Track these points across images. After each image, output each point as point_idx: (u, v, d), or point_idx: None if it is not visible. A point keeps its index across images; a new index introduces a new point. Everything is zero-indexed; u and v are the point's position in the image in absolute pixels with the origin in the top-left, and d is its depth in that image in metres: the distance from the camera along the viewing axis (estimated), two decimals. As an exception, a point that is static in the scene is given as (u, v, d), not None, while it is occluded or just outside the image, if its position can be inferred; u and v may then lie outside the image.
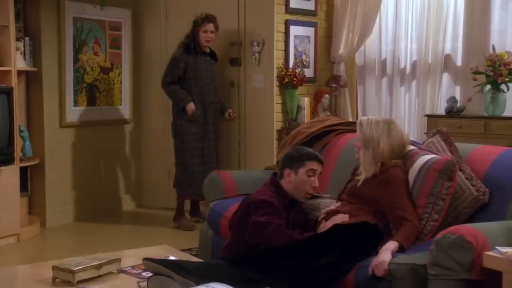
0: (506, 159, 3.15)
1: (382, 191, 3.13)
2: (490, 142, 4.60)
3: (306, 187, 3.34)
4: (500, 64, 5.42)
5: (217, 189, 4.15)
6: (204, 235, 4.13)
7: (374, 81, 6.38)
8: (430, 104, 6.01)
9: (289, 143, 4.28)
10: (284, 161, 3.42)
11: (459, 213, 3.11)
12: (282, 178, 3.39)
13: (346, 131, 4.20)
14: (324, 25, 6.39)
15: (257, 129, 5.90)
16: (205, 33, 5.62)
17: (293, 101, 5.87)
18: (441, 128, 3.45)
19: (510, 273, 2.35)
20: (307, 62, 6.18)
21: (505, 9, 5.69)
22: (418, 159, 3.19)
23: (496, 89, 5.51)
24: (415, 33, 6.09)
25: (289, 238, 3.06)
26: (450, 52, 5.96)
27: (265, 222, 3.12)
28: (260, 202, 3.23)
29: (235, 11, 6.02)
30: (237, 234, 3.29)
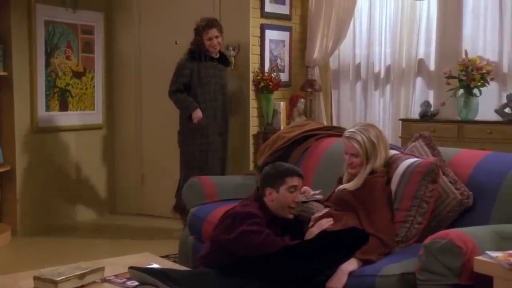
0: (489, 162, 3.17)
1: (361, 200, 3.14)
2: (464, 145, 4.64)
3: (288, 203, 3.30)
4: (472, 68, 5.48)
5: (198, 195, 4.12)
6: (184, 241, 4.09)
7: (348, 86, 6.41)
8: (404, 108, 6.06)
9: (269, 147, 4.27)
10: (264, 180, 3.37)
11: (444, 217, 3.13)
12: (264, 197, 3.35)
13: (326, 135, 4.20)
14: (299, 30, 6.39)
15: (233, 134, 5.86)
16: (210, 40, 5.33)
17: (269, 106, 5.86)
18: (424, 133, 3.47)
19: (501, 277, 2.36)
20: (282, 66, 6.17)
21: (476, 14, 5.76)
22: (401, 163, 3.20)
23: (469, 94, 5.57)
24: (389, 38, 6.13)
25: (281, 246, 3.04)
26: (423, 56, 6.01)
27: (256, 230, 3.09)
28: (246, 214, 3.19)
29: (211, 14, 5.96)
30: (219, 245, 3.24)
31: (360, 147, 3.20)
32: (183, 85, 5.38)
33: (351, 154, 3.24)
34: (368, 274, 2.83)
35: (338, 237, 2.99)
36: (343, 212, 3.15)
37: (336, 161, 3.85)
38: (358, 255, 2.92)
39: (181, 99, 5.37)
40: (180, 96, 5.38)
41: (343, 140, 3.30)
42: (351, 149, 3.23)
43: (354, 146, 3.22)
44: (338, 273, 2.88)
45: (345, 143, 3.27)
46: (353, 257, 2.92)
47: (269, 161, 4.20)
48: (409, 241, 3.05)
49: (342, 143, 3.32)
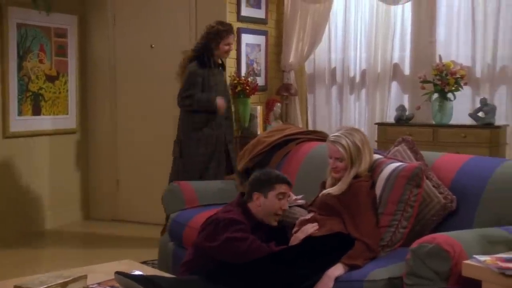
0: (471, 166, 3.19)
1: (346, 205, 3.13)
2: (439, 149, 4.68)
3: (275, 210, 3.29)
4: (447, 73, 5.54)
5: (178, 200, 4.08)
6: (164, 247, 4.04)
7: (324, 90, 6.43)
8: (380, 112, 6.10)
9: (249, 152, 4.24)
10: (253, 185, 3.34)
11: (428, 221, 3.14)
12: (251, 202, 3.32)
13: (307, 140, 4.19)
14: (275, 34, 6.39)
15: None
16: (228, 46, 5.08)
17: (245, 110, 5.84)
18: (406, 137, 3.48)
19: (490, 281, 2.37)
20: (258, 70, 6.17)
21: (450, 19, 5.83)
22: (385, 168, 3.21)
23: (443, 98, 5.63)
24: (364, 42, 6.17)
25: (267, 252, 3.02)
26: (398, 61, 6.07)
27: (241, 237, 3.06)
28: (229, 220, 3.16)
29: (187, 18, 5.94)
30: (202, 252, 3.20)
31: (345, 151, 3.20)
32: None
33: (335, 158, 3.23)
34: (355, 279, 2.82)
35: (323, 242, 2.98)
36: (328, 217, 3.14)
37: (317, 166, 3.86)
38: (344, 260, 2.91)
39: (200, 98, 4.99)
40: (198, 96, 4.99)
41: (328, 144, 3.29)
42: (335, 153, 3.23)
43: (339, 150, 3.21)
44: (324, 278, 2.87)
45: (330, 147, 3.27)
46: (339, 262, 2.91)
47: (249, 166, 4.20)
48: (394, 245, 3.05)
49: (326, 147, 3.31)
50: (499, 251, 2.63)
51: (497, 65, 5.63)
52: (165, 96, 6.05)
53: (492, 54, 5.63)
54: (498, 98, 5.64)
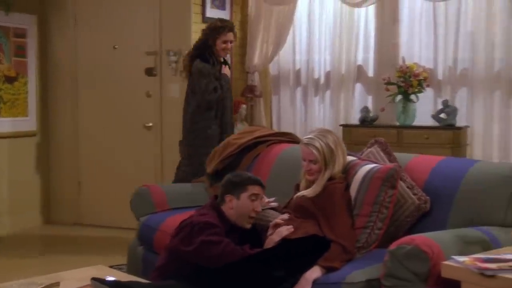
0: (444, 168, 3.23)
1: (321, 207, 3.13)
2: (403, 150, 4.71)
3: (248, 212, 3.26)
4: (410, 75, 5.61)
5: (147, 204, 4.03)
6: (133, 252, 3.98)
7: (288, 91, 6.44)
8: (344, 113, 6.14)
9: (219, 154, 4.22)
10: (225, 187, 3.31)
11: (402, 222, 3.17)
12: (224, 204, 3.29)
13: (277, 141, 4.19)
14: (239, 35, 6.33)
15: (175, 140, 5.74)
16: (225, 43, 4.90)
17: (210, 112, 5.79)
18: (379, 138, 3.51)
19: (469, 282, 2.39)
20: (223, 72, 6.12)
21: (412, 22, 5.89)
22: (359, 169, 3.22)
23: (407, 99, 5.70)
24: (329, 44, 6.19)
25: (242, 255, 3.00)
26: (362, 63, 6.11)
27: (216, 240, 3.03)
28: (204, 223, 3.13)
29: (151, 19, 5.88)
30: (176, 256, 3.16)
31: (318, 154, 3.19)
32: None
33: (309, 161, 3.23)
34: (332, 281, 2.82)
35: (299, 244, 2.97)
36: (303, 219, 3.13)
37: (289, 168, 3.86)
38: (321, 262, 2.91)
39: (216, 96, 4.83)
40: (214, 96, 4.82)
41: (301, 147, 3.29)
42: (309, 155, 3.22)
43: (312, 153, 3.21)
44: (302, 281, 2.86)
45: (303, 150, 3.26)
46: (316, 265, 2.90)
47: (219, 168, 4.17)
48: (370, 246, 3.06)
49: (300, 149, 3.31)
50: (474, 252, 2.66)
51: (458, 68, 5.71)
52: (128, 97, 5.97)
53: (453, 57, 5.72)
54: (459, 100, 5.72)
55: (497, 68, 5.51)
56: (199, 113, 4.85)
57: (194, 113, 4.88)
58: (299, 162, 3.76)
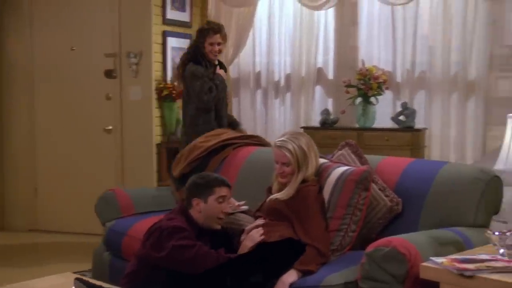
0: (414, 169, 3.26)
1: (295, 210, 3.12)
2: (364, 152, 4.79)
3: (217, 214, 3.22)
4: (370, 78, 5.67)
5: (113, 208, 3.96)
6: (99, 258, 3.90)
7: (249, 94, 6.43)
8: (304, 116, 6.16)
9: (185, 157, 4.17)
10: (191, 191, 3.25)
11: (374, 224, 3.19)
12: (191, 208, 3.23)
13: (244, 144, 4.17)
14: (198, 37, 6.31)
15: (136, 144, 5.71)
16: (212, 45, 4.87)
17: (172, 115, 5.75)
18: (349, 141, 3.52)
19: (448, 283, 2.42)
20: (183, 74, 6.07)
21: (371, 25, 5.96)
22: (332, 172, 3.23)
23: (367, 102, 5.76)
24: (289, 47, 6.21)
25: (216, 258, 2.97)
26: (322, 65, 6.14)
27: (188, 244, 2.99)
28: (173, 228, 3.07)
29: (110, 20, 5.78)
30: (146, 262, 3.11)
31: (291, 156, 3.19)
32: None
33: (282, 163, 3.22)
34: (310, 285, 2.81)
35: (276, 248, 2.96)
36: (277, 222, 3.12)
37: (257, 170, 3.85)
38: (296, 266, 2.90)
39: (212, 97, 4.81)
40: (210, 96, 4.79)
41: (274, 150, 3.27)
42: (282, 158, 3.21)
43: (285, 155, 3.20)
44: (278, 285, 2.85)
45: (276, 152, 3.25)
46: (292, 268, 2.89)
47: (186, 172, 4.13)
48: (344, 249, 3.07)
49: (272, 152, 3.29)
50: (449, 252, 2.70)
51: (416, 71, 5.80)
52: (87, 100, 5.86)
53: (411, 60, 5.81)
54: (417, 102, 5.80)
55: (453, 71, 5.61)
56: (199, 116, 4.82)
57: (194, 116, 4.84)
58: (267, 165, 3.78)
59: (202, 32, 4.93)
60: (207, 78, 4.82)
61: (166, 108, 5.74)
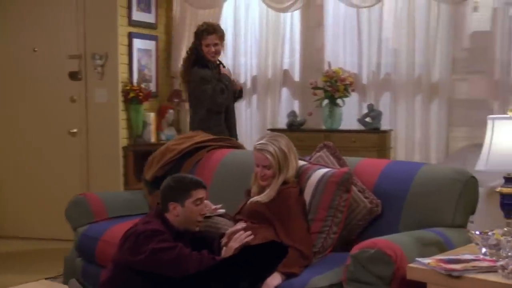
0: (392, 171, 3.28)
1: (276, 212, 3.11)
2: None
3: (195, 217, 3.17)
4: (336, 80, 5.70)
5: (85, 213, 3.87)
6: (71, 264, 3.81)
7: (213, 95, 6.38)
8: (271, 118, 6.16)
9: (157, 160, 4.12)
10: (167, 194, 3.18)
11: (354, 226, 3.19)
12: (168, 212, 3.17)
13: (217, 147, 4.14)
14: (164, 39, 6.26)
15: (102, 147, 5.61)
16: (208, 47, 4.82)
17: (138, 117, 5.67)
18: (328, 143, 3.53)
19: (435, 283, 2.44)
20: (149, 76, 6.00)
21: (336, 27, 6.00)
22: (313, 174, 3.22)
23: (333, 104, 5.79)
24: (255, 49, 6.20)
25: (199, 259, 2.93)
26: (288, 67, 6.15)
27: (168, 246, 2.95)
28: (151, 231, 3.02)
29: (74, 21, 5.67)
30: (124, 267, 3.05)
31: (273, 159, 3.17)
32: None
33: (263, 166, 3.20)
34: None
35: (260, 251, 2.93)
36: (259, 225, 3.10)
37: (232, 173, 3.83)
38: (280, 268, 2.88)
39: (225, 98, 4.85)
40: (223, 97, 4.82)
41: (254, 153, 3.25)
42: (263, 161, 3.19)
43: (267, 158, 3.18)
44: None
45: (257, 156, 3.23)
46: (276, 271, 2.87)
47: (159, 175, 4.08)
48: (325, 251, 3.06)
49: (253, 155, 3.27)
50: (432, 253, 2.72)
51: (381, 73, 5.87)
52: (51, 102, 5.73)
53: (376, 62, 5.87)
54: (382, 104, 5.87)
55: (417, 73, 5.69)
56: (209, 119, 4.79)
57: (205, 120, 4.79)
58: (242, 167, 3.77)
59: (197, 34, 4.91)
60: (215, 80, 4.80)
61: (133, 111, 5.66)
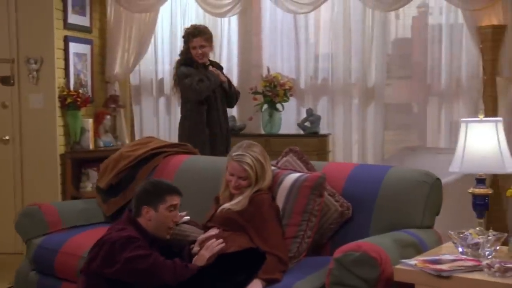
0: (359, 174, 3.30)
1: (250, 219, 3.08)
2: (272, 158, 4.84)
3: (167, 223, 3.11)
4: (276, 84, 5.74)
5: (39, 224, 3.70)
6: (24, 278, 3.63)
7: (151, 101, 6.28)
8: (210, 123, 6.10)
9: (111, 168, 4.00)
10: (140, 198, 3.11)
11: (326, 229, 3.20)
12: (140, 216, 3.09)
13: (174, 153, 4.07)
14: (98, 43, 6.08)
15: (37, 155, 5.38)
16: (194, 49, 4.87)
17: (76, 123, 5.49)
18: (294, 147, 3.53)
19: (424, 284, 2.48)
20: (85, 81, 5.81)
21: (273, 32, 6.04)
22: (285, 178, 3.21)
23: (273, 108, 5.83)
24: (192, 54, 6.12)
25: (172, 268, 2.86)
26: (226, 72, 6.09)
27: (143, 254, 2.86)
28: (126, 239, 2.93)
29: (5, 23, 5.40)
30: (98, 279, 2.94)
31: (251, 170, 3.14)
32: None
33: (238, 177, 3.16)
34: (280, 294, 2.78)
35: (236, 259, 2.89)
36: (233, 233, 3.06)
37: (192, 179, 3.77)
38: (261, 275, 2.85)
39: (210, 83, 4.85)
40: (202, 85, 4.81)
41: (231, 163, 3.19)
42: (240, 172, 3.15)
43: (245, 170, 3.14)
44: None
45: (234, 166, 3.17)
46: (256, 278, 2.84)
47: (113, 183, 3.97)
48: (300, 256, 3.06)
49: (228, 165, 3.21)
50: (410, 254, 2.78)
51: (319, 78, 5.96)
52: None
53: (314, 67, 5.96)
54: (320, 108, 5.96)
55: (353, 78, 5.82)
56: (192, 111, 4.91)
57: (189, 113, 4.92)
58: (201, 173, 3.74)
59: (185, 37, 4.96)
60: (196, 75, 4.82)
61: (70, 117, 5.46)
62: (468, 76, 5.46)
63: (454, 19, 5.48)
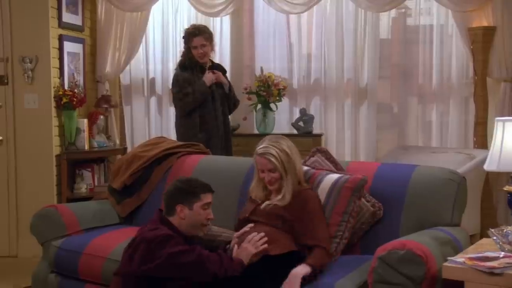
0: (385, 173, 3.32)
1: (298, 215, 3.07)
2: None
3: (202, 221, 3.08)
4: (270, 84, 5.75)
5: (56, 225, 3.63)
6: (43, 281, 3.54)
7: (142, 101, 6.21)
8: (204, 123, 6.07)
9: (124, 169, 3.95)
10: (174, 197, 3.08)
11: (358, 229, 3.21)
12: (173, 215, 3.06)
13: (187, 153, 4.03)
14: (89, 42, 5.98)
15: (32, 156, 5.25)
16: (195, 49, 4.86)
17: (72, 124, 5.37)
18: (321, 147, 3.55)
19: (474, 281, 2.51)
20: (78, 81, 5.70)
21: (266, 32, 6.05)
22: (324, 179, 3.22)
23: (267, 108, 5.84)
24: (184, 53, 6.08)
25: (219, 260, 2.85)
26: (219, 71, 6.10)
27: (185, 249, 2.84)
28: (163, 236, 2.89)
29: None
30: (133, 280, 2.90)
31: (277, 161, 3.13)
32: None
33: (268, 171, 3.15)
34: (322, 289, 2.79)
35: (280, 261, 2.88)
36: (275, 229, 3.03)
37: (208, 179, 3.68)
38: (309, 260, 2.85)
39: (197, 89, 4.84)
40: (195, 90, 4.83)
41: (257, 158, 3.19)
42: (267, 165, 3.15)
43: (270, 162, 3.13)
44: (290, 278, 2.79)
45: (259, 161, 3.17)
46: (304, 263, 2.84)
47: (128, 183, 3.92)
48: (337, 255, 3.07)
49: (255, 161, 3.22)
50: (449, 252, 2.82)
51: (312, 78, 5.99)
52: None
53: (306, 67, 5.99)
54: (313, 108, 6.00)
55: (346, 78, 5.87)
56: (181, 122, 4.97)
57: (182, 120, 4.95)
58: (218, 174, 3.73)
59: (185, 37, 4.96)
60: (187, 84, 4.79)
61: (66, 117, 5.35)
62: (458, 76, 5.58)
63: (445, 20, 5.58)
